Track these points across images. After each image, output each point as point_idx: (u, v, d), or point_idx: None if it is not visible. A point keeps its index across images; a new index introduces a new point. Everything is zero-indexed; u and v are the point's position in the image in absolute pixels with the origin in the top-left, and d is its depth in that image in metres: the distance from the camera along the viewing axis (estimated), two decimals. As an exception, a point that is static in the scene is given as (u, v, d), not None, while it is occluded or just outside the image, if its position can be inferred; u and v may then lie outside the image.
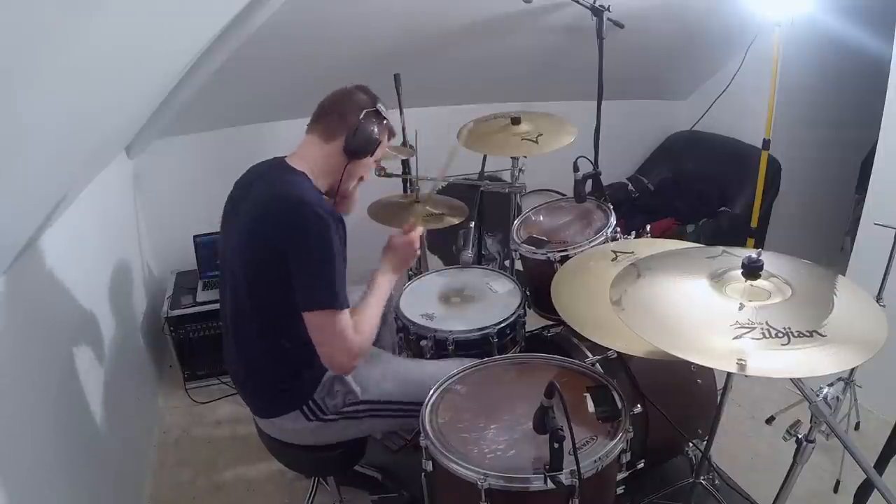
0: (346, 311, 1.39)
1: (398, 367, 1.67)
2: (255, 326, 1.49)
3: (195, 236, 2.73)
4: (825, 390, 1.18)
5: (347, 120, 1.49)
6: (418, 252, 1.66)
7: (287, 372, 1.51)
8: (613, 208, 2.10)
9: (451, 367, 1.55)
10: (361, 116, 1.49)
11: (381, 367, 1.63)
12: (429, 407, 1.41)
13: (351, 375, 1.56)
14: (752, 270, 1.19)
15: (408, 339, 1.92)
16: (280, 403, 1.53)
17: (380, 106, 1.54)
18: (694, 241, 1.74)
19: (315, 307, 1.37)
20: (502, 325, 1.85)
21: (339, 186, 1.55)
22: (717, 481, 1.88)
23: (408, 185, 2.53)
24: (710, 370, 1.83)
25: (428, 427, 1.35)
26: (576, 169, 1.99)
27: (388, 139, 1.62)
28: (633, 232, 1.97)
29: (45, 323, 1.60)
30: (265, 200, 1.43)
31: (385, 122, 1.56)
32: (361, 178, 1.63)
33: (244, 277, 1.45)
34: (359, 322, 1.43)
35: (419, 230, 1.67)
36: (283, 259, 1.36)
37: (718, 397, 1.73)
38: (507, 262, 3.17)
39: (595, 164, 2.58)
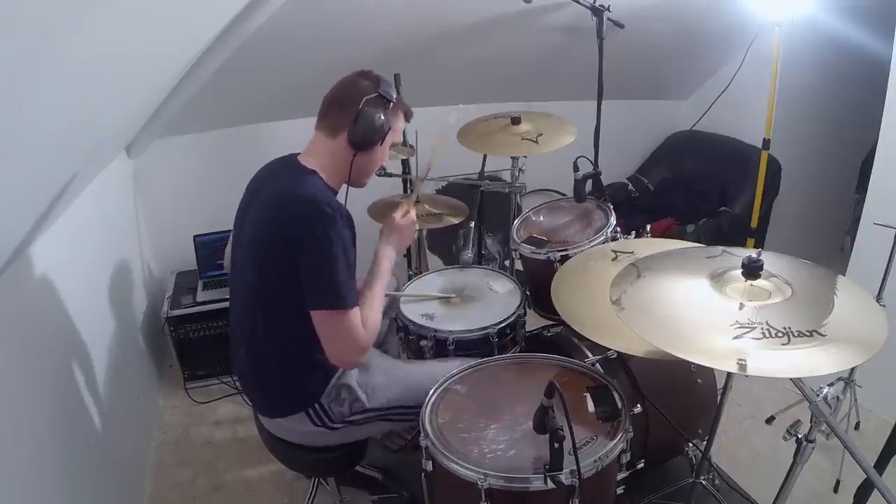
0: (355, 309, 1.38)
1: (403, 371, 1.66)
2: (265, 325, 1.48)
3: (195, 236, 2.73)
4: (825, 390, 1.18)
5: (349, 111, 1.44)
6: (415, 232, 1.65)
7: (294, 372, 1.50)
8: (613, 208, 2.10)
9: (455, 368, 1.55)
10: (361, 105, 1.43)
11: (385, 372, 1.62)
12: (429, 407, 1.41)
13: (357, 383, 1.55)
14: (752, 270, 1.19)
15: (408, 339, 1.92)
16: (286, 404, 1.53)
17: (383, 90, 1.47)
18: (694, 241, 1.75)
19: (323, 306, 1.36)
20: (502, 324, 1.84)
21: (349, 180, 1.50)
22: (717, 481, 1.88)
23: (408, 185, 2.53)
24: (710, 370, 1.83)
25: (428, 427, 1.35)
26: (576, 169, 1.99)
27: (407, 119, 1.58)
28: (633, 232, 1.96)
29: (45, 323, 1.60)
30: (276, 199, 1.42)
31: (391, 105, 1.48)
32: (382, 168, 1.60)
33: (255, 276, 1.44)
34: (366, 316, 1.41)
35: (413, 212, 1.66)
36: (293, 258, 1.35)
37: (718, 397, 1.74)
38: (507, 262, 3.17)
39: (595, 163, 2.58)
